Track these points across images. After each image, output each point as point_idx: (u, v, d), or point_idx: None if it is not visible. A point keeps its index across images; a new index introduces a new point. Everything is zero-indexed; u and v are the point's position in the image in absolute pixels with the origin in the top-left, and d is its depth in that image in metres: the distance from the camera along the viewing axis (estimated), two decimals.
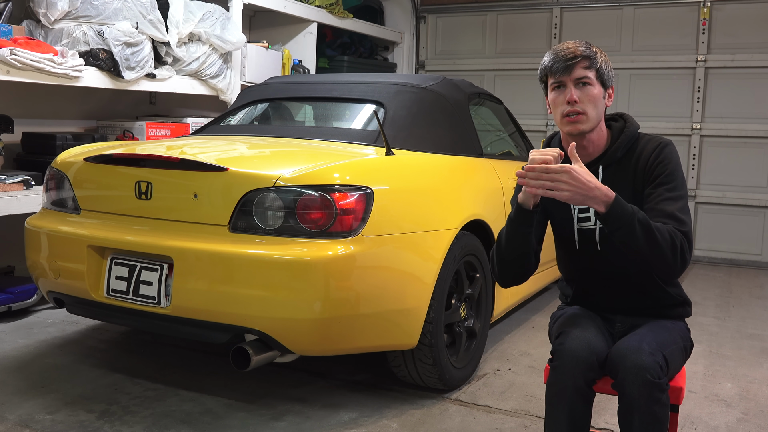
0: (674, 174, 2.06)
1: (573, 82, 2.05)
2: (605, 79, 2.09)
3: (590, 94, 2.05)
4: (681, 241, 1.93)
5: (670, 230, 1.93)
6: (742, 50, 6.24)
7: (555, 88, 2.08)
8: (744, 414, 2.99)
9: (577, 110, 2.04)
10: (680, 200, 2.03)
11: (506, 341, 3.86)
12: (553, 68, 2.06)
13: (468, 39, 7.43)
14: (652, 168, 2.07)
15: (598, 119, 2.09)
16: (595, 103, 2.06)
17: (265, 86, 3.97)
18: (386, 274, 2.70)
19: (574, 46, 2.07)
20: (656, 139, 2.13)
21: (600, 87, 2.07)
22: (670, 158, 2.08)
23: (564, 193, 1.88)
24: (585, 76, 2.04)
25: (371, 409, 2.89)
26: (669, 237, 1.91)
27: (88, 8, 4.11)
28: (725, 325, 4.38)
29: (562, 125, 2.09)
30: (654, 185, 2.06)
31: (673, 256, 1.92)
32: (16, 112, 4.20)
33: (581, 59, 2.04)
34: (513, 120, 4.47)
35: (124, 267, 2.78)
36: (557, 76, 2.06)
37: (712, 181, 6.46)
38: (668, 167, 2.06)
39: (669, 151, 2.09)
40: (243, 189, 2.60)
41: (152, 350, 3.52)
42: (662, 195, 2.03)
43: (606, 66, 2.09)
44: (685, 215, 2.00)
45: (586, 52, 2.06)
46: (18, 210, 3.73)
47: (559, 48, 2.09)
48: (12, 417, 2.71)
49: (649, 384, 1.82)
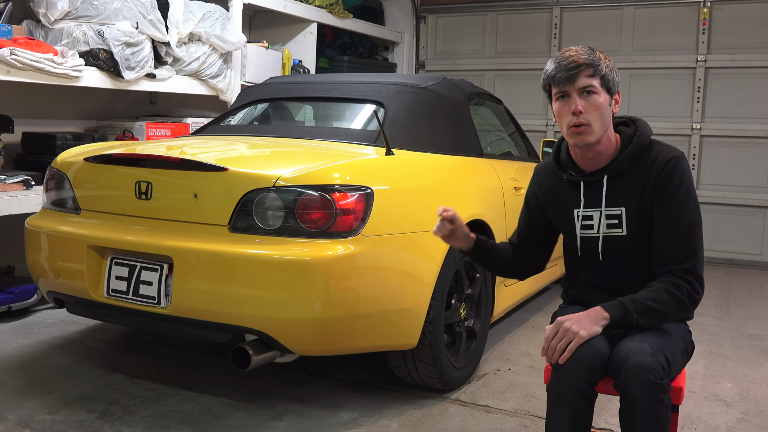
0: (686, 197, 2.00)
1: (577, 91, 1.98)
2: (611, 85, 2.02)
3: (595, 103, 1.99)
4: (686, 290, 1.96)
5: (668, 287, 1.95)
6: (742, 50, 6.24)
7: (559, 98, 2.03)
8: (744, 414, 2.99)
9: (582, 121, 1.98)
10: (692, 228, 1.99)
11: (506, 341, 3.86)
12: (556, 78, 2.00)
13: (468, 39, 7.43)
14: (662, 186, 2.00)
15: (605, 128, 2.03)
16: (601, 112, 1.99)
17: (265, 86, 3.97)
18: (386, 274, 2.70)
19: (576, 54, 2.00)
20: (668, 151, 2.04)
21: (605, 94, 2.00)
22: (682, 176, 2.00)
23: (580, 336, 1.90)
24: (589, 85, 1.98)
25: (371, 409, 2.89)
26: (670, 298, 1.95)
27: (88, 8, 4.11)
28: (725, 325, 4.38)
29: (569, 137, 2.04)
30: (663, 210, 2.00)
31: (682, 310, 1.98)
32: (16, 112, 4.20)
33: (584, 67, 1.98)
34: (513, 120, 4.47)
35: (124, 267, 2.78)
36: (560, 86, 2.00)
37: (712, 181, 6.46)
38: (681, 188, 1.99)
39: (680, 169, 2.00)
40: (243, 189, 2.60)
41: (152, 350, 3.52)
42: (672, 224, 1.99)
43: (611, 71, 2.02)
44: (696, 245, 1.98)
45: (589, 59, 1.99)
46: (18, 210, 3.73)
47: (562, 56, 2.02)
48: (12, 417, 2.71)
49: (651, 384, 1.82)
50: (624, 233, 2.08)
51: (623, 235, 2.08)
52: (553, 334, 1.93)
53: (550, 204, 2.23)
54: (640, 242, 2.07)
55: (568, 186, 2.16)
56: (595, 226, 2.11)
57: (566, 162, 2.16)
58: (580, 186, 2.12)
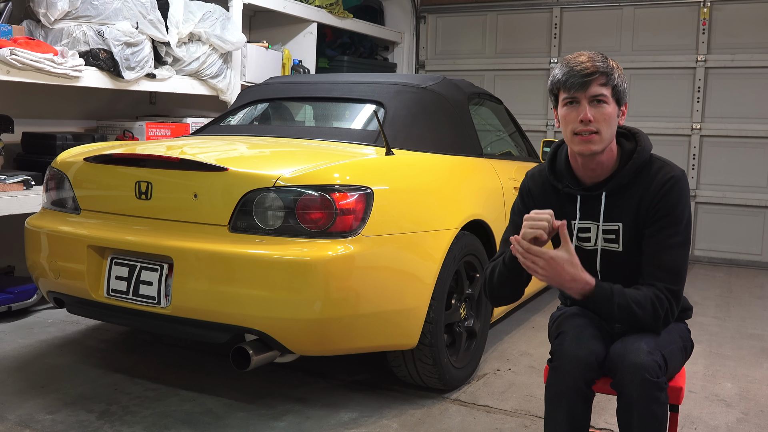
0: (680, 218, 1.98)
1: (588, 99, 1.94)
2: (620, 96, 1.98)
3: (605, 112, 1.94)
4: (666, 309, 1.95)
5: (654, 298, 1.93)
6: (742, 50, 6.24)
7: (567, 104, 1.97)
8: (744, 414, 2.99)
9: (590, 129, 1.94)
10: (680, 249, 1.98)
11: (506, 341, 3.86)
12: (568, 83, 1.95)
13: (468, 39, 7.43)
14: (657, 205, 1.99)
15: (611, 139, 1.99)
16: (609, 123, 1.95)
17: (265, 86, 3.97)
18: (386, 274, 2.70)
19: (590, 60, 1.95)
20: (667, 169, 2.02)
21: (614, 105, 1.97)
22: (679, 197, 1.98)
23: (538, 276, 1.91)
24: (601, 94, 1.94)
25: (371, 409, 2.89)
26: (651, 308, 1.93)
27: (88, 8, 4.11)
28: (725, 325, 4.38)
29: (573, 144, 1.99)
30: (656, 227, 1.99)
31: (655, 323, 1.95)
32: (16, 112, 4.20)
33: (598, 75, 1.93)
34: (513, 120, 4.47)
35: (124, 267, 2.78)
36: (571, 92, 1.95)
37: (712, 181, 6.45)
38: (676, 209, 1.98)
39: (678, 189, 1.98)
40: (243, 189, 2.60)
41: (152, 350, 3.52)
42: (662, 243, 1.97)
43: (622, 82, 1.98)
44: (681, 267, 1.98)
45: (604, 67, 1.94)
46: (18, 210, 3.73)
47: (574, 60, 1.97)
48: (12, 417, 2.71)
49: (648, 383, 1.82)
50: (620, 249, 2.06)
51: (619, 251, 2.06)
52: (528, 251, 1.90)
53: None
54: (635, 256, 2.05)
55: (563, 197, 2.12)
56: (592, 239, 2.09)
57: (563, 171, 2.11)
58: (576, 199, 2.09)
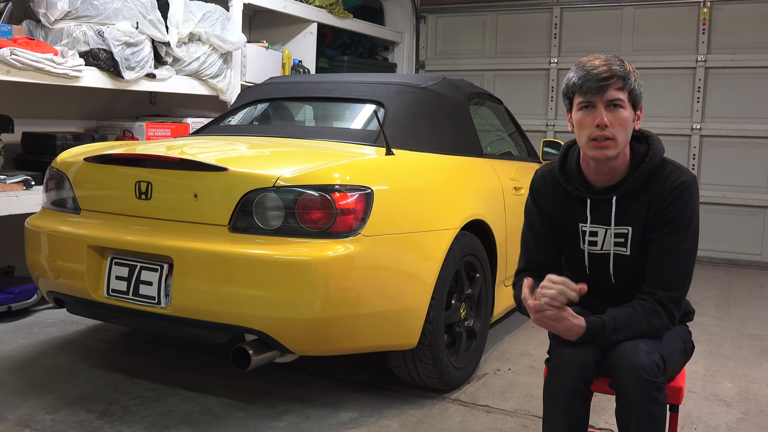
0: (688, 224, 1.97)
1: (604, 103, 1.91)
2: (637, 100, 1.95)
3: (621, 117, 1.91)
4: (665, 320, 1.95)
5: (649, 314, 1.93)
6: (742, 50, 6.24)
7: (582, 108, 1.94)
8: (744, 414, 2.99)
9: (606, 135, 1.91)
10: (687, 256, 1.97)
11: (506, 341, 3.86)
12: (584, 87, 1.91)
13: (468, 39, 7.43)
14: (666, 210, 1.97)
15: (626, 144, 1.97)
16: (625, 127, 1.93)
17: (265, 86, 3.97)
18: (386, 274, 2.70)
19: (607, 64, 1.92)
20: (678, 174, 1.99)
21: (631, 109, 1.94)
22: (689, 202, 1.97)
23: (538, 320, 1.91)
24: (617, 98, 1.91)
25: (371, 409, 2.89)
26: (647, 326, 1.94)
27: (88, 8, 4.11)
28: (725, 325, 4.38)
29: (588, 149, 1.96)
30: (664, 232, 1.97)
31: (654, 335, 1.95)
32: (16, 112, 4.20)
33: (616, 79, 1.90)
34: (513, 120, 4.47)
35: (124, 267, 2.78)
36: (587, 96, 1.92)
37: (712, 181, 6.45)
38: (685, 214, 1.96)
39: (688, 194, 1.96)
40: (243, 189, 2.60)
41: (152, 350, 3.52)
42: (669, 249, 1.97)
43: (639, 86, 1.95)
44: (686, 274, 1.98)
45: (621, 71, 1.92)
46: (18, 210, 3.73)
47: (590, 64, 1.93)
48: (12, 417, 2.71)
49: (646, 383, 1.82)
50: (627, 253, 2.05)
51: (627, 254, 2.06)
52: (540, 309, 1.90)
53: (552, 213, 2.16)
54: (643, 260, 2.04)
55: (573, 199, 2.10)
56: (599, 243, 2.07)
57: (574, 174, 2.09)
58: (586, 202, 2.07)
